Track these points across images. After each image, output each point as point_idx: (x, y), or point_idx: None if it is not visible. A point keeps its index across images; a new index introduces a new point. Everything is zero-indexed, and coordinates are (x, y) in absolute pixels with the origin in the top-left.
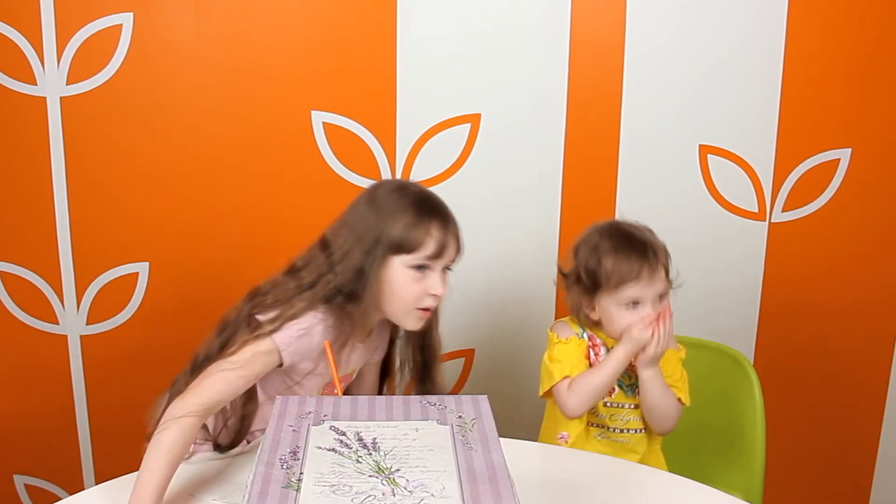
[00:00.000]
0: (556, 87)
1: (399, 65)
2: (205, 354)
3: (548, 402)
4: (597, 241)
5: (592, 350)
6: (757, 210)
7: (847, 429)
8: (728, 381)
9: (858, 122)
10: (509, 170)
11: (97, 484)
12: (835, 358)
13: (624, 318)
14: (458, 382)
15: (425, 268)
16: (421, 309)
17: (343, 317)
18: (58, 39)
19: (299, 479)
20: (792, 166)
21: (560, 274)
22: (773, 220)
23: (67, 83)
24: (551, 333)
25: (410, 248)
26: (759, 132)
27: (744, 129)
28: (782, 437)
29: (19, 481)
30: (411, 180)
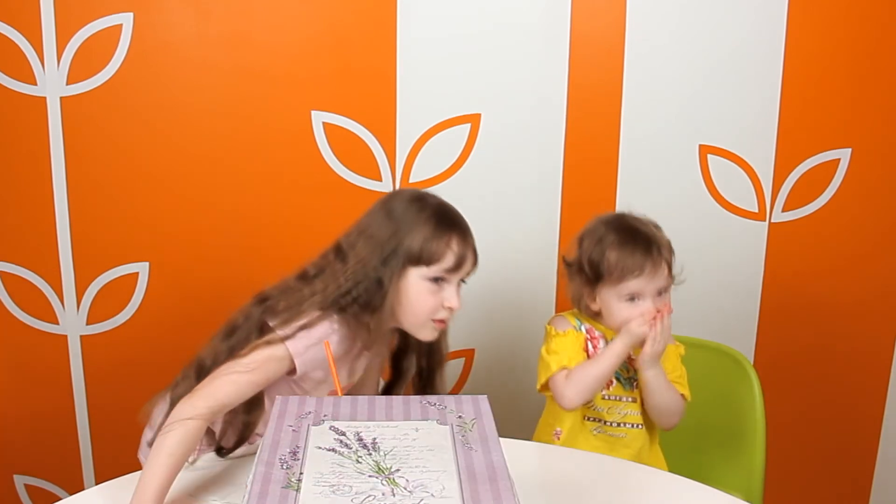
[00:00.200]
0: (556, 87)
1: (399, 65)
2: (212, 360)
3: (546, 400)
4: (602, 234)
5: (591, 342)
6: (757, 210)
7: (847, 429)
8: (728, 381)
9: (858, 122)
10: (509, 170)
11: (97, 484)
12: (835, 358)
13: (623, 311)
14: (458, 382)
15: (442, 280)
16: (436, 320)
17: (358, 327)
18: (58, 39)
19: (299, 480)
20: (792, 166)
21: (563, 263)
22: (773, 220)
23: (67, 83)
24: (549, 327)
25: (430, 261)
26: (759, 132)
27: (744, 129)
28: (782, 437)
29: (19, 481)
30: (427, 190)
